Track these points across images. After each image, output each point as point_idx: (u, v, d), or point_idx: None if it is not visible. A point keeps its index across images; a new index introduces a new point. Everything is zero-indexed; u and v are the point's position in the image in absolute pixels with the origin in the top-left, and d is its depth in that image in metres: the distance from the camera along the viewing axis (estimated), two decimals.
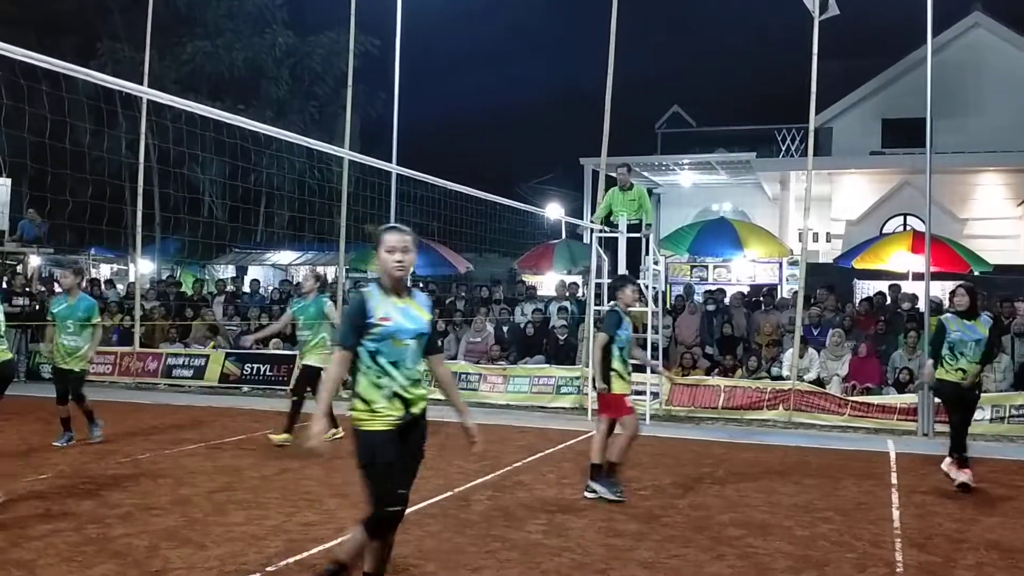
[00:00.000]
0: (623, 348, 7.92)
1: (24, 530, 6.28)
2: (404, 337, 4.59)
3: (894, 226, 23.24)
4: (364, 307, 4.49)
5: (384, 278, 4.61)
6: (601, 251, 13.56)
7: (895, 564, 6.00)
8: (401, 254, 4.55)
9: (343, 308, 4.14)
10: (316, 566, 5.63)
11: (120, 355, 16.70)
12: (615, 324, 7.87)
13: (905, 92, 23.76)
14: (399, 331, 4.54)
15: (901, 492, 8.39)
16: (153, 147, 20.79)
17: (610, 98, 14.66)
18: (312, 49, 33.87)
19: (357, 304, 4.52)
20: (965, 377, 8.46)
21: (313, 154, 25.39)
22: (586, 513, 7.23)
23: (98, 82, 7.15)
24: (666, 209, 28.87)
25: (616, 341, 7.84)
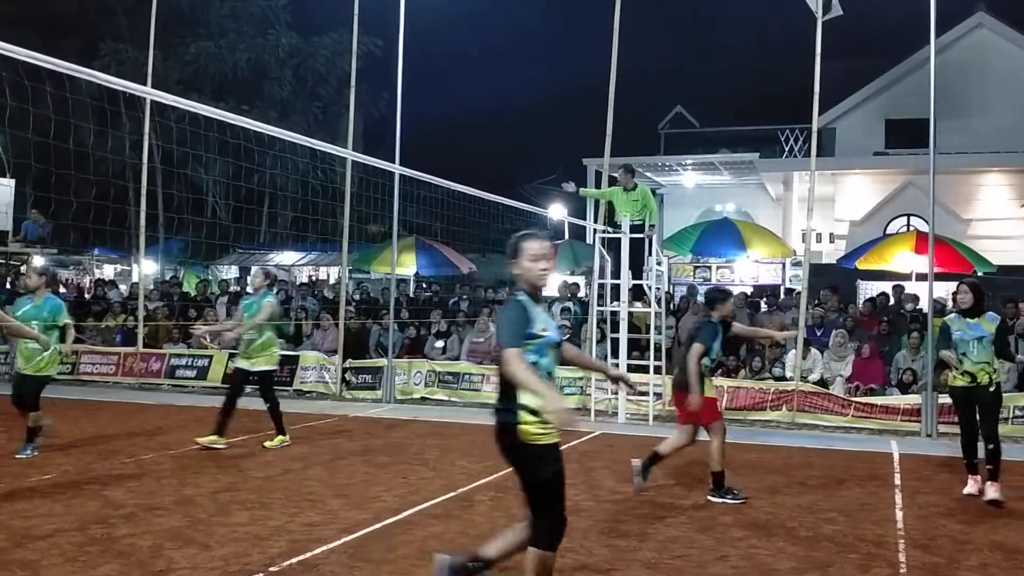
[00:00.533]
0: (712, 358, 8.20)
1: (28, 530, 6.29)
2: (555, 346, 4.56)
3: (898, 227, 23.22)
4: (528, 316, 4.40)
5: (527, 286, 4.54)
6: (604, 252, 13.55)
7: (899, 565, 6.00)
8: (545, 262, 4.52)
9: (504, 311, 4.01)
10: (319, 566, 5.64)
11: (123, 355, 16.72)
12: (712, 336, 8.02)
13: (909, 92, 23.77)
14: (554, 340, 4.50)
15: (904, 493, 8.38)
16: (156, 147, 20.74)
17: (613, 98, 14.66)
18: (315, 50, 33.91)
19: (522, 312, 4.41)
20: (973, 380, 8.04)
21: (316, 155, 25.40)
22: (589, 514, 7.23)
23: (101, 83, 7.16)
24: (669, 210, 28.86)
25: (710, 352, 8.05)
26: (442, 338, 15.74)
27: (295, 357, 15.83)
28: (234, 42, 32.61)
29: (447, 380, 14.85)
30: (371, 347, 16.16)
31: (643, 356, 13.16)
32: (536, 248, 4.50)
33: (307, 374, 15.60)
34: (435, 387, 14.85)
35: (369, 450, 10.10)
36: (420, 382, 15.02)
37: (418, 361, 15.31)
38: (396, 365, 15.09)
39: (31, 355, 9.16)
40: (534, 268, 4.49)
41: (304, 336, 16.88)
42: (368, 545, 6.17)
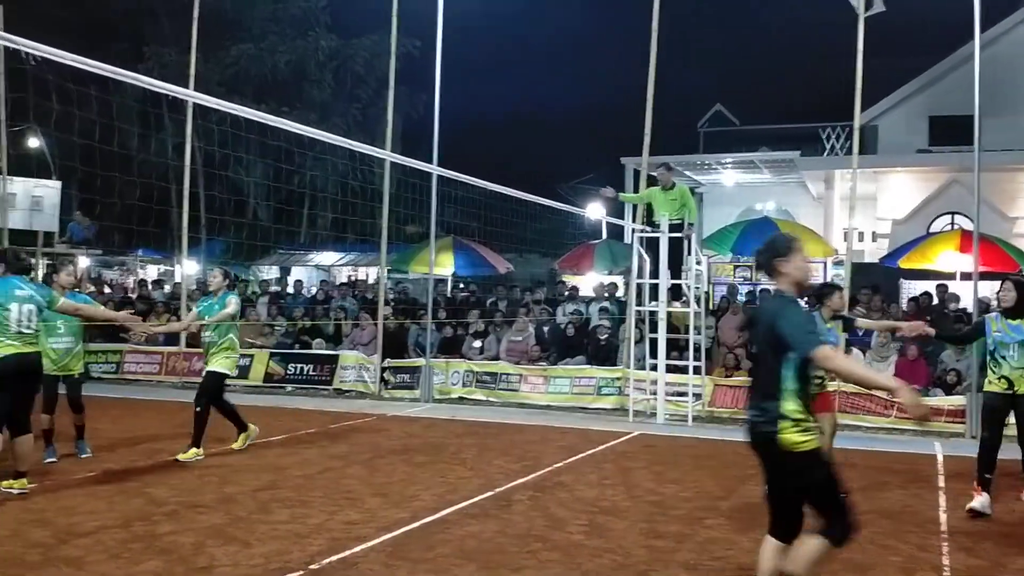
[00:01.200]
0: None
1: (72, 527, 6.40)
2: None
3: (941, 225, 22.84)
4: (811, 317, 4.46)
5: (794, 287, 4.56)
6: (643, 251, 13.49)
7: (942, 568, 5.91)
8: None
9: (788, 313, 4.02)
10: (358, 564, 5.68)
11: (167, 355, 16.95)
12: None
13: (953, 89, 23.36)
14: (831, 342, 4.55)
15: (948, 495, 8.25)
16: (199, 150, 21.06)
17: (651, 97, 14.60)
18: (354, 52, 34.15)
19: (810, 317, 4.52)
20: (1011, 387, 7.50)
21: (355, 156, 25.58)
22: (627, 514, 7.20)
23: (145, 86, 7.29)
24: (708, 208, 28.63)
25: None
26: (479, 338, 15.77)
27: (335, 356, 15.96)
28: (274, 44, 32.94)
29: (485, 380, 14.88)
30: (410, 347, 16.24)
31: (682, 356, 13.08)
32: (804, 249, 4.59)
33: (346, 373, 15.72)
34: (473, 387, 14.88)
35: (407, 449, 10.15)
36: (458, 382, 15.07)
37: (456, 361, 15.36)
38: (434, 365, 15.15)
39: (64, 354, 9.12)
40: (806, 268, 4.56)
41: (344, 336, 17.01)
42: (406, 544, 6.20)
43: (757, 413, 4.45)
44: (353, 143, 10.63)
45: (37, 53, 5.96)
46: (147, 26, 32.22)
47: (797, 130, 27.28)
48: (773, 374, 4.38)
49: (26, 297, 7.52)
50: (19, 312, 7.44)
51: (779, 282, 4.56)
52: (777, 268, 4.55)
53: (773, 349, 4.39)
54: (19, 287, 7.56)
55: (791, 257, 4.50)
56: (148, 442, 10.21)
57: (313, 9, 34.08)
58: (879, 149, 25.42)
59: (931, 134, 25.43)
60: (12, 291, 7.47)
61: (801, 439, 4.33)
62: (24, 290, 7.57)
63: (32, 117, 17.14)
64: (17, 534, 6.17)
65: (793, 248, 4.54)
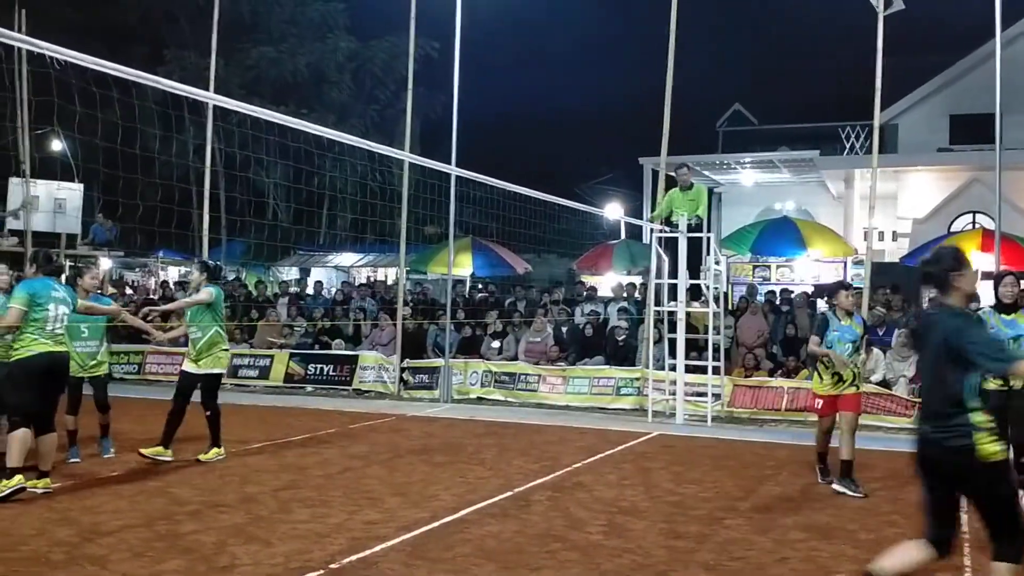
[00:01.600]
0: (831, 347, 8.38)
1: (96, 526, 6.47)
2: None
3: (962, 224, 22.67)
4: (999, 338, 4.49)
5: (963, 300, 4.61)
6: (661, 251, 13.48)
7: (963, 569, 5.89)
8: None
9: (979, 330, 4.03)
10: (378, 563, 5.71)
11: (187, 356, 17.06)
12: (822, 326, 8.55)
13: (973, 87, 23.19)
14: None
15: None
16: (219, 151, 21.16)
17: (670, 97, 14.56)
18: (373, 53, 34.30)
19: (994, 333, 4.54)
20: (1006, 384, 7.15)
21: (374, 157, 25.63)
22: (647, 515, 7.21)
23: (166, 88, 7.36)
24: (727, 208, 28.55)
25: (824, 342, 8.40)
26: (498, 338, 15.79)
27: (354, 357, 16.03)
28: (294, 47, 33.12)
29: (503, 380, 14.91)
30: (428, 347, 16.29)
31: (700, 356, 13.06)
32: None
33: (366, 374, 15.78)
34: (491, 387, 14.91)
35: (427, 449, 10.19)
36: (476, 382, 15.10)
37: (475, 361, 15.39)
38: (453, 365, 15.18)
39: (90, 356, 9.19)
40: (975, 280, 4.59)
41: (363, 336, 17.07)
42: (426, 543, 6.23)
43: (940, 428, 4.44)
44: (372, 144, 10.70)
45: (60, 57, 6.03)
46: (167, 30, 32.47)
47: (816, 129, 27.18)
48: (953, 388, 4.37)
49: (61, 298, 7.67)
50: (56, 312, 7.57)
51: (951, 296, 4.56)
52: (952, 282, 4.54)
53: (954, 364, 4.38)
54: (55, 288, 7.70)
55: (965, 271, 4.52)
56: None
57: (332, 11, 34.24)
58: (899, 148, 25.28)
59: (952, 133, 25.27)
60: (51, 291, 7.60)
61: (997, 449, 4.35)
62: (59, 291, 7.71)
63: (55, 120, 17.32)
64: (42, 533, 6.25)
65: (966, 261, 4.56)
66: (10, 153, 18.00)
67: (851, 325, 8.49)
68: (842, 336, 8.40)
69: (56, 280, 7.90)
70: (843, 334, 8.42)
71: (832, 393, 8.47)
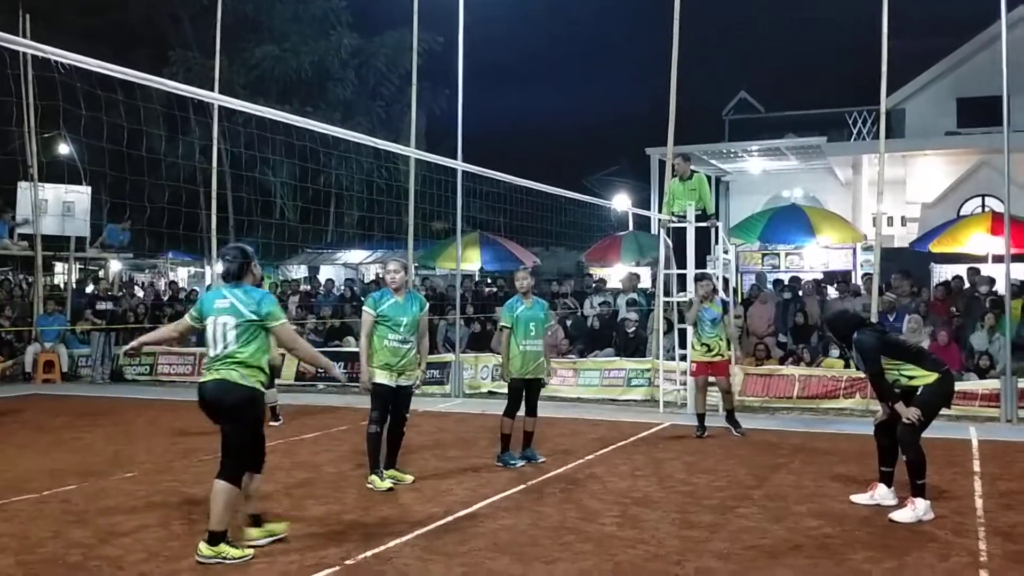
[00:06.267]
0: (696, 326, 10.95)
1: (112, 527, 6.49)
2: None
3: (972, 208, 22.60)
4: None
5: None
6: (669, 242, 13.45)
7: (979, 553, 5.87)
8: None
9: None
10: (393, 559, 5.73)
11: (199, 356, 17.11)
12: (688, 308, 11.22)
13: (980, 69, 23.09)
14: None
15: (984, 480, 8.18)
16: (225, 152, 21.21)
17: (675, 86, 14.53)
18: (377, 49, 34.25)
19: None
20: None
21: (380, 154, 25.71)
22: (660, 505, 7.21)
23: (170, 90, 7.36)
24: (735, 197, 28.50)
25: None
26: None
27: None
28: (297, 45, 33.09)
29: None
30: (439, 342, 16.30)
31: None
32: None
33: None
34: (502, 381, 14.89)
35: (439, 444, 10.20)
36: (487, 376, 15.11)
37: (485, 356, 15.40)
38: (464, 360, 15.19)
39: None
40: None
41: None
42: (440, 538, 6.24)
43: None
44: (377, 141, 10.70)
45: (65, 61, 6.04)
46: (170, 30, 32.51)
47: (823, 115, 27.10)
48: None
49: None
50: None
51: None
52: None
53: None
54: None
55: None
56: (184, 442, 10.32)
57: (334, 8, 34.19)
58: (907, 132, 25.19)
59: (959, 116, 25.17)
60: None
61: None
62: None
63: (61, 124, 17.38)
64: (58, 535, 6.28)
65: None
66: (17, 158, 18.07)
67: (712, 308, 10.89)
68: (702, 316, 10.83)
69: None
70: (704, 314, 10.82)
71: (705, 359, 10.87)
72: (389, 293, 7.98)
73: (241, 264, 5.96)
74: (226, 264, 5.99)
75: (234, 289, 5.92)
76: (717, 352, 10.87)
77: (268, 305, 5.88)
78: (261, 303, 5.86)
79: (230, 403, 5.81)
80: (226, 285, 5.98)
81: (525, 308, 8.99)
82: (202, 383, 5.93)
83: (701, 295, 10.94)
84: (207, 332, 5.90)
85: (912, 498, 6.74)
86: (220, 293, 5.96)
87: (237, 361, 5.80)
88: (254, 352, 5.86)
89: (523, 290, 9.09)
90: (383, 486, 7.65)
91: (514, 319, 8.93)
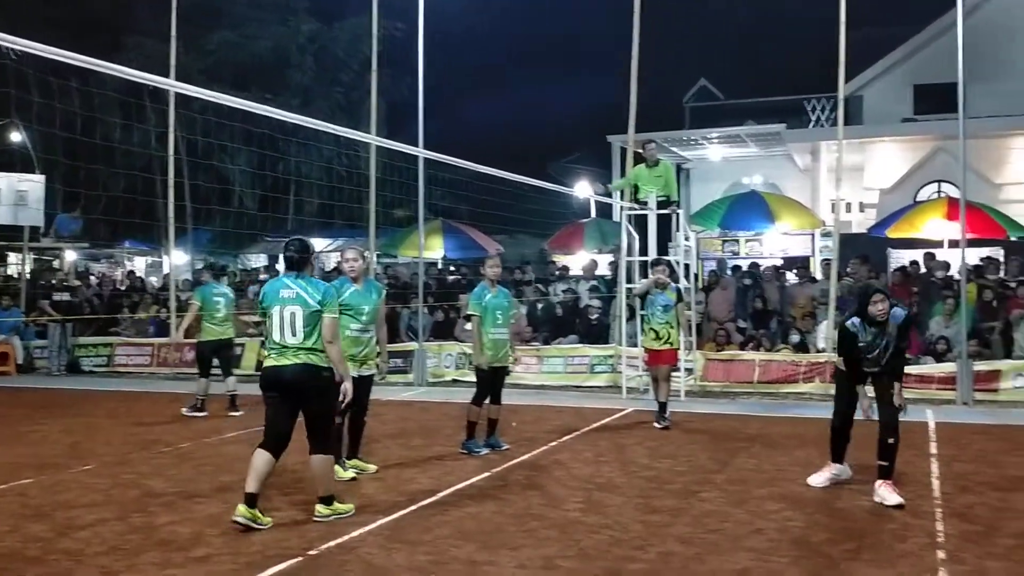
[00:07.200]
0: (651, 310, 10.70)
1: (71, 520, 6.40)
2: None
3: (928, 193, 22.92)
4: None
5: None
6: (631, 229, 13.50)
7: (936, 534, 5.97)
8: None
9: None
10: (356, 548, 5.70)
11: (157, 346, 16.92)
12: (642, 295, 10.89)
13: (937, 56, 23.36)
14: None
15: (941, 462, 8.33)
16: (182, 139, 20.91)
17: (636, 74, 14.55)
18: (336, 35, 33.90)
19: None
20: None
21: (340, 141, 25.46)
22: (623, 490, 7.25)
23: (126, 76, 7.21)
24: (696, 184, 28.64)
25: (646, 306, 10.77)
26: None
27: None
28: (255, 31, 32.66)
29: None
30: (402, 331, 16.23)
31: None
32: None
33: None
34: (466, 369, 14.88)
35: (403, 433, 10.18)
36: (451, 364, 15.09)
37: (449, 344, 15.38)
38: (427, 348, 15.15)
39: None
40: None
41: None
42: (405, 526, 6.23)
43: None
44: (337, 128, 10.59)
45: (16, 47, 5.89)
46: (127, 17, 31.92)
47: (782, 103, 27.30)
48: None
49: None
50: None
51: None
52: None
53: None
54: None
55: None
56: (142, 434, 10.20)
57: None
58: (864, 119, 25.46)
59: (916, 103, 25.48)
60: None
61: None
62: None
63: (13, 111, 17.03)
64: (16, 529, 6.17)
65: None
66: None
67: (666, 294, 10.61)
68: (655, 301, 10.60)
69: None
70: (656, 299, 10.60)
71: (654, 348, 10.68)
72: (348, 282, 7.91)
73: (303, 255, 6.41)
74: (289, 255, 6.43)
75: (298, 280, 6.34)
76: (666, 341, 10.64)
77: (329, 297, 6.36)
78: (325, 294, 6.34)
79: (316, 385, 6.27)
80: (289, 275, 6.40)
81: (492, 296, 8.99)
82: (280, 366, 6.24)
83: (656, 280, 10.76)
84: (272, 319, 6.28)
85: (886, 481, 6.79)
86: (283, 283, 6.35)
87: (313, 348, 6.25)
88: (320, 338, 6.31)
89: (493, 278, 9.10)
90: (345, 476, 7.61)
91: (483, 307, 8.89)
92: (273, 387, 6.31)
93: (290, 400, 6.30)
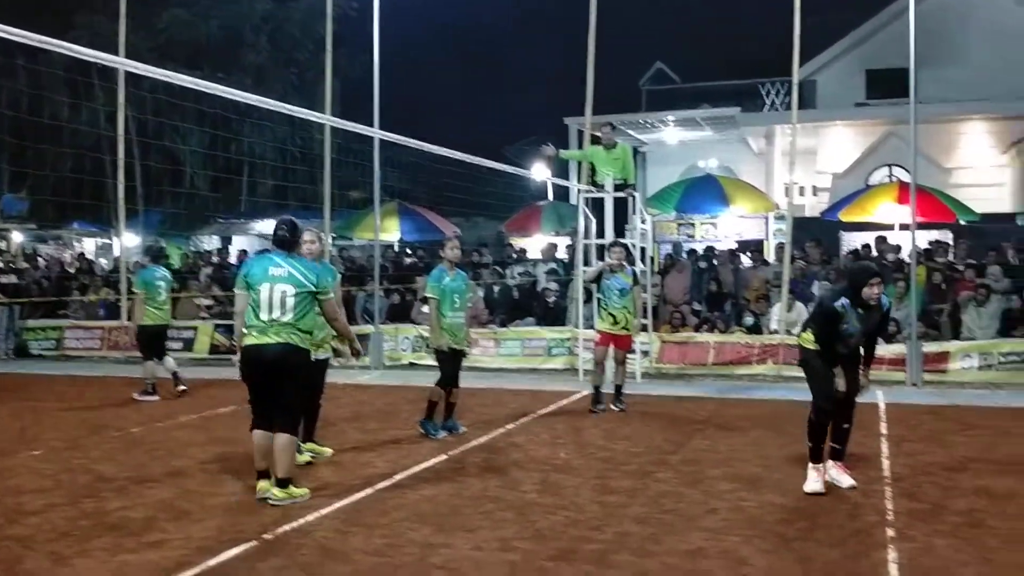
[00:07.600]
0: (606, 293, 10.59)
1: (20, 506, 6.28)
2: None
3: (880, 177, 23.24)
4: None
5: None
6: (588, 212, 13.51)
7: (886, 512, 6.08)
8: None
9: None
10: (313, 532, 5.67)
11: (108, 330, 16.64)
12: (599, 277, 10.80)
13: (889, 42, 23.69)
14: None
15: (891, 442, 8.47)
16: (132, 119, 20.52)
17: (592, 56, 14.53)
18: (290, 14, 33.43)
19: None
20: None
21: (295, 121, 25.18)
22: (579, 472, 7.28)
23: (74, 54, 7.07)
24: (652, 167, 28.75)
25: (601, 289, 10.75)
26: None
27: None
28: (207, 8, 32.09)
29: None
30: (357, 314, 16.13)
31: None
32: None
33: None
34: (423, 352, 14.84)
35: (359, 417, 10.13)
36: (408, 348, 15.04)
37: (405, 327, 15.32)
38: (383, 331, 15.08)
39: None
40: None
41: None
42: (361, 510, 6.20)
43: None
44: (291, 108, 10.48)
45: None
46: None
47: (737, 86, 27.45)
48: None
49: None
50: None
51: None
52: None
53: None
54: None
55: None
56: (93, 418, 10.04)
57: None
58: (818, 103, 25.72)
59: (868, 88, 25.78)
60: None
61: None
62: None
63: None
64: None
65: None
66: None
67: (621, 277, 10.52)
68: (611, 285, 10.50)
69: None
70: (612, 282, 10.50)
71: (610, 332, 10.52)
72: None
73: (293, 235, 6.50)
74: (281, 234, 6.47)
75: (289, 259, 6.43)
76: (623, 325, 10.52)
77: (324, 278, 6.49)
78: (320, 276, 6.46)
79: (293, 364, 6.35)
80: (279, 253, 6.45)
81: (451, 280, 8.94)
82: (262, 345, 6.28)
83: (611, 262, 10.64)
84: (260, 296, 6.30)
85: (838, 463, 6.84)
86: (273, 260, 6.40)
87: (297, 328, 6.34)
88: (310, 319, 6.46)
89: (453, 260, 9.04)
90: (301, 460, 7.55)
91: (441, 290, 8.84)
92: (255, 367, 6.37)
93: (270, 378, 6.36)
